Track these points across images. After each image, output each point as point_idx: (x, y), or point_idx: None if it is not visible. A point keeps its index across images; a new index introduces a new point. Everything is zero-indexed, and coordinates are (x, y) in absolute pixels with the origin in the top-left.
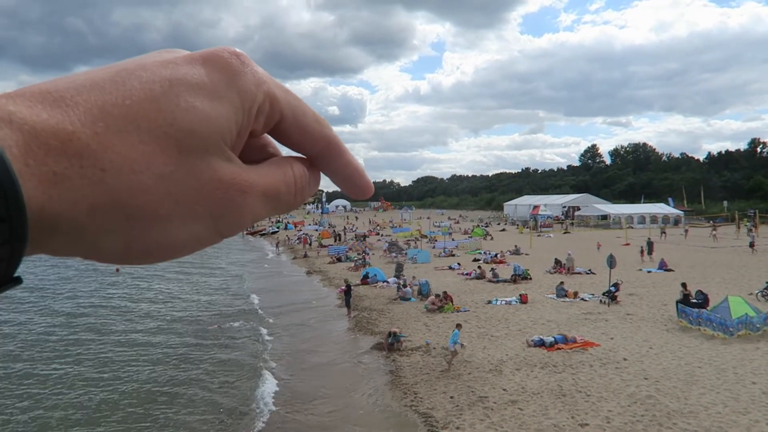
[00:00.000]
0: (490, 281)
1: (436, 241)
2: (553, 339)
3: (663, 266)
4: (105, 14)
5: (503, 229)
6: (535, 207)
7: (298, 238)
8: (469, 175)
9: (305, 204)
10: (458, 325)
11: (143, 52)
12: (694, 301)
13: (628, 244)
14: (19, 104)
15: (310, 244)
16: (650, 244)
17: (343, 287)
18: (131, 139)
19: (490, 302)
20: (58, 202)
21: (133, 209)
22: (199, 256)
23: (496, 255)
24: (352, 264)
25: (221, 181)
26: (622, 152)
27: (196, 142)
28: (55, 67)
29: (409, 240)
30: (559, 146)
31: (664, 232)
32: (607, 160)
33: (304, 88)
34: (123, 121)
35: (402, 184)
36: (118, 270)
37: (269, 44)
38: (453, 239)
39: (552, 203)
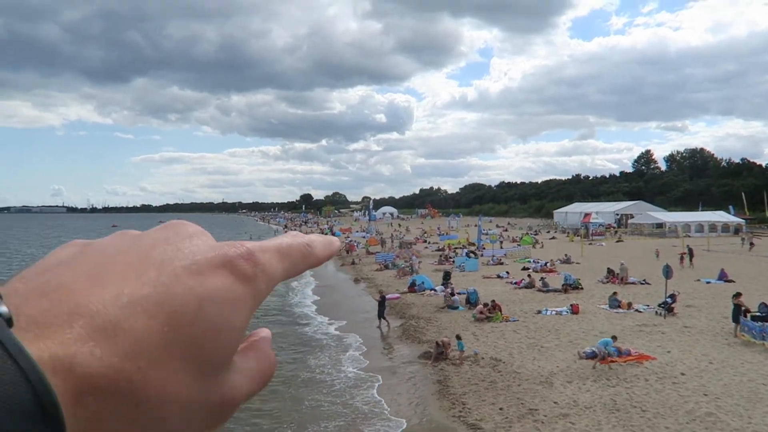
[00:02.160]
0: (539, 290)
1: (484, 249)
2: (606, 351)
3: (723, 277)
4: (160, 28)
5: (553, 237)
6: (587, 214)
7: (346, 245)
8: (518, 182)
9: (352, 211)
10: (458, 336)
11: (196, 64)
12: (758, 314)
13: (684, 254)
14: (78, 343)
15: (357, 252)
16: (691, 251)
17: (377, 297)
18: (167, 370)
19: (539, 312)
20: None
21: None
22: None
23: (546, 264)
24: (399, 271)
25: (224, 396)
26: (678, 158)
27: (217, 364)
28: (114, 78)
29: (457, 248)
30: (610, 152)
31: (752, 243)
32: (662, 166)
33: (351, 97)
34: (163, 352)
35: (449, 191)
36: None
37: (317, 53)
38: (502, 247)
39: (604, 211)
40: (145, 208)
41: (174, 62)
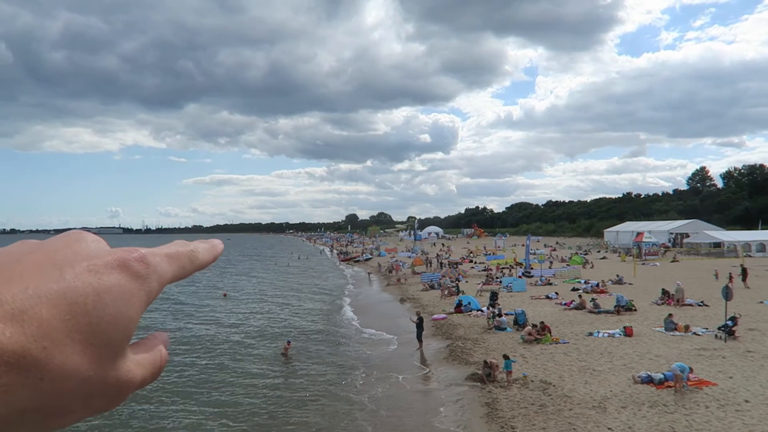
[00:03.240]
0: (590, 312)
1: (532, 269)
2: (662, 376)
3: None
4: (211, 56)
5: (604, 257)
6: (639, 234)
7: (391, 265)
8: (566, 200)
9: (398, 231)
10: (505, 356)
11: (245, 89)
12: None
13: (735, 274)
14: None
15: (403, 271)
16: (744, 270)
17: (415, 319)
18: (67, 351)
19: (591, 334)
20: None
21: (54, 408)
22: (295, 278)
23: (596, 284)
24: (446, 292)
25: (119, 379)
26: (735, 174)
27: (113, 349)
28: (168, 105)
29: (504, 268)
30: (663, 169)
31: None
32: (719, 184)
33: (395, 118)
34: (64, 335)
35: (495, 211)
36: (225, 294)
37: (362, 76)
38: (550, 267)
39: (657, 230)
40: (196, 229)
41: (224, 88)
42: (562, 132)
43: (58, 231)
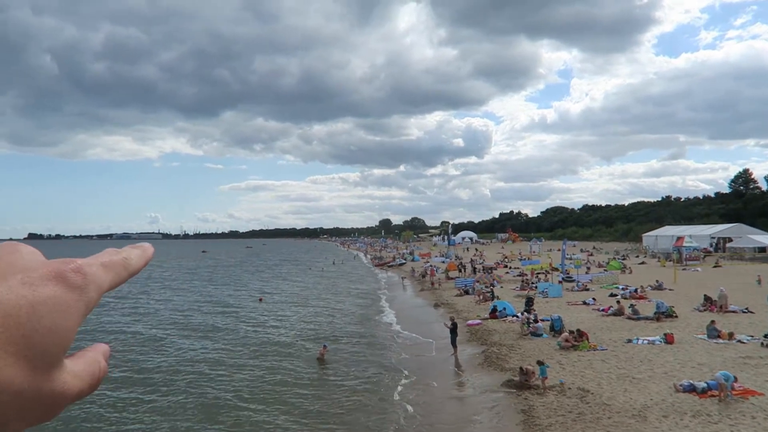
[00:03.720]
0: (629, 318)
1: (568, 274)
2: (705, 384)
3: None
4: (246, 64)
5: (642, 262)
6: (679, 238)
7: (425, 270)
8: (603, 204)
9: (431, 236)
10: (540, 362)
11: (280, 96)
12: None
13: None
14: None
15: (437, 276)
16: None
17: (449, 324)
18: (2, 364)
19: (630, 341)
20: None
21: None
22: (331, 282)
23: (635, 290)
24: (479, 297)
25: (54, 391)
26: None
27: (48, 361)
28: (205, 113)
29: (539, 273)
30: (703, 172)
31: None
32: (763, 186)
33: (428, 123)
34: None
35: (530, 215)
36: (261, 300)
37: (394, 81)
38: (587, 272)
39: (699, 234)
40: (233, 234)
41: (259, 95)
42: (597, 135)
43: (101, 237)
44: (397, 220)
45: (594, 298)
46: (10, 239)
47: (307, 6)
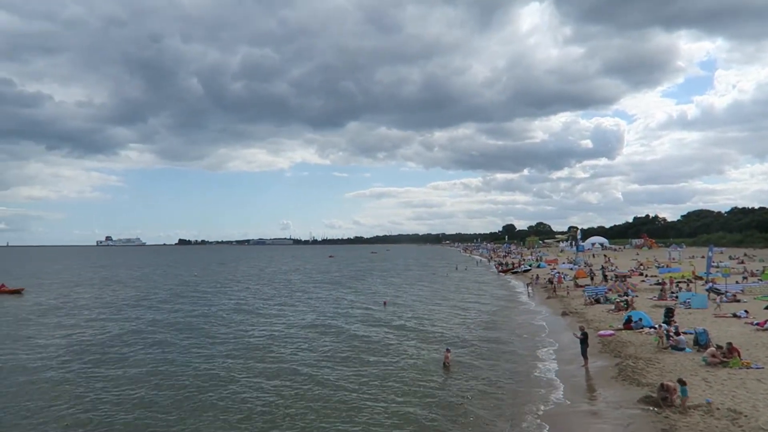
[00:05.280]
0: None
1: (714, 282)
2: None
3: None
4: (370, 75)
5: None
6: None
7: (551, 277)
8: (755, 207)
9: (558, 242)
10: (681, 381)
11: (402, 105)
12: None
13: None
14: None
15: (565, 284)
16: None
17: (579, 335)
18: None
19: None
20: None
21: None
22: (455, 286)
23: None
24: (613, 306)
25: None
26: None
27: None
28: (331, 124)
29: (680, 282)
30: None
31: None
32: None
33: (553, 124)
34: None
35: (668, 219)
36: (385, 303)
37: (516, 84)
38: (737, 282)
39: None
40: (358, 240)
41: (382, 105)
42: (748, 130)
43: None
44: (521, 225)
45: (746, 311)
46: (164, 245)
47: (428, 15)
